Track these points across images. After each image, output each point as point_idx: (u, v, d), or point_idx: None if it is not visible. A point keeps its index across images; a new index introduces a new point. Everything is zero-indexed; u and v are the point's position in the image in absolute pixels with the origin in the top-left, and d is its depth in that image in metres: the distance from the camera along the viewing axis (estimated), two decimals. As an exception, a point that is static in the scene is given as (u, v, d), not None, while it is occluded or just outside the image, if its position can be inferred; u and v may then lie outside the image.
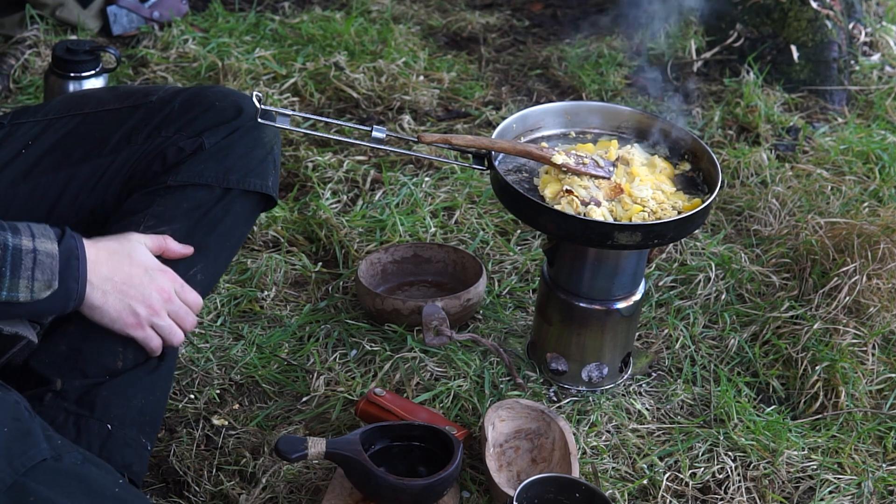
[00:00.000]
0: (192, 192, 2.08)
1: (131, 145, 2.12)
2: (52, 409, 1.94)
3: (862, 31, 3.70)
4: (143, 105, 2.15)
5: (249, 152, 2.14)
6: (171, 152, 2.10)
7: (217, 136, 2.12)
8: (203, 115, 2.13)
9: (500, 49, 3.75)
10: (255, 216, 2.20)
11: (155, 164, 2.11)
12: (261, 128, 2.15)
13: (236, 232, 2.15)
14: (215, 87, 2.22)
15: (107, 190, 2.12)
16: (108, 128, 2.14)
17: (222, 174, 2.10)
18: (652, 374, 2.43)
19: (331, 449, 1.97)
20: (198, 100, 2.15)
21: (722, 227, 2.89)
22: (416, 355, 2.37)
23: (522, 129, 2.32)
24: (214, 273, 2.13)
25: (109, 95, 2.21)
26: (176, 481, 2.13)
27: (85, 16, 3.53)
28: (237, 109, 2.15)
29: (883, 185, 3.00)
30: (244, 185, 2.12)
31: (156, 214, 2.05)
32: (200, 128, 2.12)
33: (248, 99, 2.18)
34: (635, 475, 2.18)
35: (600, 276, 2.23)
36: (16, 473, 1.61)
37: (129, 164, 2.11)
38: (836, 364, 2.39)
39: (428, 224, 2.80)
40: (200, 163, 2.09)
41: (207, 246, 2.09)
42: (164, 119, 2.13)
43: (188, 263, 2.06)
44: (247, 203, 2.14)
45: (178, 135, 2.12)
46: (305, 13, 3.74)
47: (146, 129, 2.13)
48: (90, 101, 2.18)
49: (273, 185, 2.17)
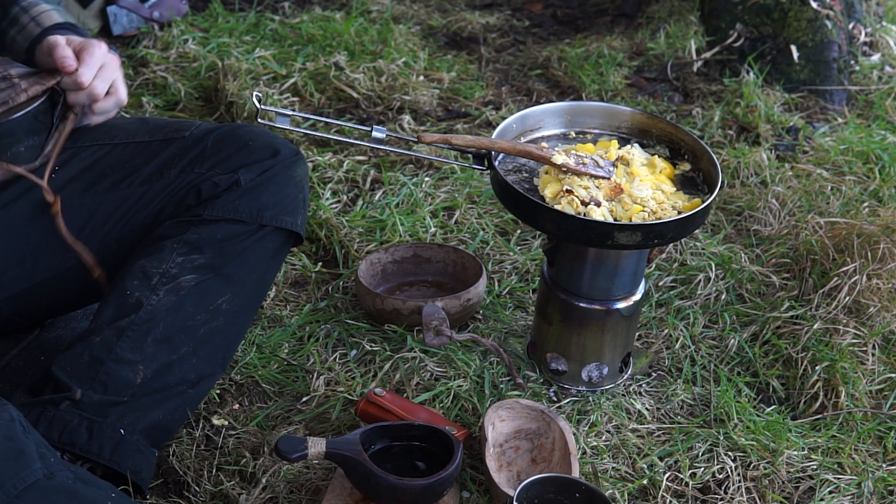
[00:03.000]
0: (227, 225, 2.12)
1: (163, 179, 2.16)
2: (67, 414, 1.97)
3: (862, 31, 3.70)
4: (176, 140, 2.19)
5: (283, 190, 2.17)
6: (207, 187, 2.14)
7: (252, 174, 2.15)
8: (237, 154, 2.17)
9: (500, 49, 3.75)
10: (284, 253, 2.23)
11: (189, 197, 2.14)
12: (294, 167, 2.20)
13: (263, 266, 2.18)
14: (247, 126, 2.25)
15: (135, 220, 2.16)
16: (139, 160, 2.18)
17: (256, 211, 2.14)
18: (652, 374, 2.43)
19: (331, 449, 1.97)
20: (231, 138, 2.19)
21: (722, 227, 2.89)
22: (416, 355, 2.37)
23: (522, 129, 2.32)
24: (241, 307, 2.15)
25: (139, 128, 2.24)
26: (176, 481, 2.13)
27: (85, 16, 3.53)
28: (273, 150, 2.18)
29: (883, 185, 3.00)
30: (277, 223, 2.16)
31: (189, 241, 2.10)
32: (235, 165, 2.16)
33: (281, 139, 2.22)
34: (635, 475, 2.18)
35: (600, 276, 2.24)
36: (7, 497, 1.62)
37: (160, 197, 2.15)
38: (836, 364, 2.39)
39: (428, 224, 2.80)
40: (235, 198, 2.13)
41: (236, 277, 2.13)
42: (198, 155, 2.16)
43: (216, 293, 2.10)
44: (276, 239, 2.18)
45: (213, 171, 2.15)
46: (305, 13, 3.74)
47: (179, 164, 2.16)
48: (119, 132, 2.22)
49: (301, 223, 2.22)
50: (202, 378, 2.11)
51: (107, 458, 1.97)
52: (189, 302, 2.08)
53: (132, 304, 2.05)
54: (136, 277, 2.08)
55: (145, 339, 2.03)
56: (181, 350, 2.07)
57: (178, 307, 2.07)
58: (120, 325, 2.03)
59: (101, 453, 1.96)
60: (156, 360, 2.04)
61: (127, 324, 2.03)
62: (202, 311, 2.09)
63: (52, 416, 1.96)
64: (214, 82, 3.29)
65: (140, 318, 2.04)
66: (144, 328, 2.04)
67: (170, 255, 2.09)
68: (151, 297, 2.05)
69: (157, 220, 2.15)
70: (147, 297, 2.05)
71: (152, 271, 2.07)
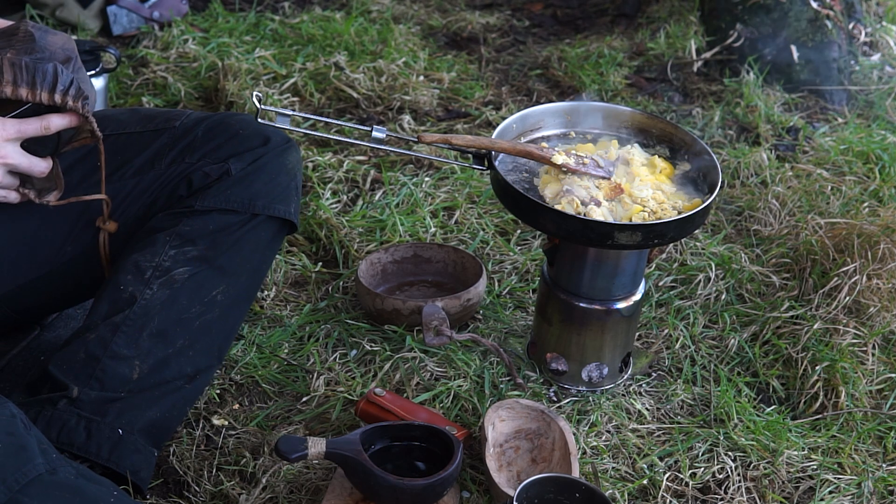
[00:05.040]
0: (219, 216, 2.11)
1: (155, 170, 2.15)
2: (65, 413, 1.96)
3: (862, 31, 3.70)
4: (167, 130, 2.18)
5: (274, 178, 2.16)
6: (198, 177, 2.13)
7: (243, 163, 2.14)
8: (228, 143, 2.16)
9: (500, 49, 3.75)
10: (278, 242, 2.22)
11: (180, 188, 2.13)
12: (285, 154, 2.18)
13: (258, 255, 2.17)
14: (237, 114, 2.24)
15: (128, 212, 2.15)
16: (130, 151, 2.17)
17: (248, 200, 2.13)
18: (652, 374, 2.43)
19: (331, 449, 1.97)
20: (221, 128, 2.18)
21: (722, 227, 2.89)
22: (416, 355, 2.37)
23: (522, 129, 2.32)
24: (237, 297, 2.15)
25: (130, 118, 2.23)
26: (176, 481, 2.13)
27: (85, 16, 3.53)
28: (264, 138, 2.17)
29: (883, 185, 3.00)
30: (269, 211, 2.15)
31: (181, 233, 2.09)
32: (226, 154, 2.15)
33: (272, 128, 2.21)
34: (635, 475, 2.18)
35: (600, 276, 2.23)
36: (10, 491, 1.61)
37: (152, 189, 2.14)
38: (836, 364, 2.39)
39: (428, 224, 2.80)
40: (227, 188, 2.12)
41: (230, 268, 2.12)
42: (189, 145, 2.15)
43: (210, 285, 2.10)
44: (270, 228, 2.17)
45: (203, 161, 2.14)
46: (305, 13, 3.74)
47: (170, 154, 2.15)
48: (110, 123, 2.20)
49: (295, 210, 2.20)
50: (199, 371, 2.10)
51: (105, 458, 1.97)
52: (183, 295, 2.07)
53: (126, 300, 2.04)
54: (129, 272, 2.07)
55: (140, 334, 2.03)
56: (177, 344, 2.06)
57: (173, 300, 2.06)
58: (114, 321, 2.03)
59: (99, 453, 1.96)
60: (152, 354, 2.03)
61: (121, 319, 2.03)
62: (197, 304, 2.08)
63: (50, 416, 1.96)
64: (214, 82, 3.29)
65: (134, 312, 2.03)
66: (139, 323, 2.03)
67: (162, 248, 2.08)
68: (145, 292, 2.05)
69: (150, 212, 2.14)
70: (141, 291, 2.05)
71: (145, 265, 2.06)
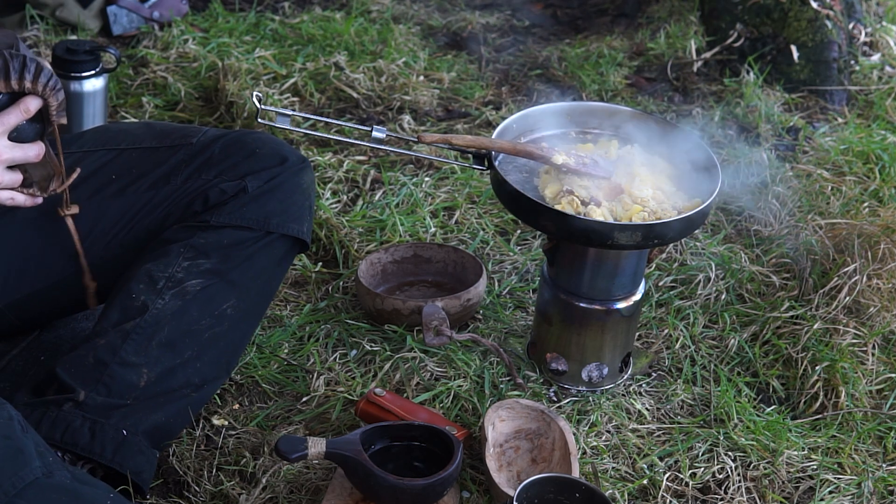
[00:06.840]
0: (233, 232, 2.12)
1: (170, 185, 2.16)
2: (70, 415, 1.97)
3: (862, 31, 3.70)
4: (183, 147, 2.19)
5: (290, 197, 2.17)
6: (214, 193, 2.14)
7: (260, 181, 2.15)
8: (245, 161, 2.17)
9: (500, 49, 3.75)
10: (289, 260, 2.24)
11: (196, 203, 2.14)
12: (301, 174, 2.20)
13: (269, 272, 2.18)
14: (254, 132, 2.26)
15: (140, 226, 2.16)
16: (146, 166, 2.18)
17: (263, 218, 2.14)
18: (652, 374, 2.43)
19: (331, 449, 1.97)
20: (239, 145, 2.19)
21: (722, 227, 2.89)
22: (416, 355, 2.37)
23: (522, 129, 2.32)
24: (246, 313, 2.16)
25: (146, 133, 2.24)
26: (176, 481, 2.13)
27: (85, 16, 3.53)
28: (281, 157, 2.18)
29: (883, 185, 3.00)
30: (283, 230, 2.16)
31: (195, 246, 2.10)
32: (243, 172, 2.16)
33: (288, 146, 2.22)
34: (635, 475, 2.18)
35: (600, 276, 2.23)
36: (6, 495, 1.62)
37: (166, 203, 2.15)
38: (836, 364, 2.39)
39: (428, 224, 2.80)
40: (242, 205, 2.13)
41: (241, 283, 2.13)
42: (205, 162, 2.17)
43: (221, 298, 2.11)
44: (282, 246, 2.18)
45: (220, 178, 2.16)
46: (305, 13, 3.74)
47: (186, 170, 2.16)
48: (126, 137, 2.22)
49: (308, 230, 2.22)
50: (206, 382, 2.11)
51: (108, 458, 1.97)
52: (194, 307, 2.08)
53: (138, 308, 2.06)
54: (141, 281, 2.08)
55: (150, 342, 2.04)
56: (185, 354, 2.07)
57: (184, 312, 2.07)
58: (125, 329, 2.04)
59: (102, 454, 1.97)
60: (160, 363, 2.04)
61: (132, 327, 2.04)
62: (207, 316, 2.09)
63: (55, 417, 1.97)
64: (214, 82, 3.29)
65: (145, 321, 2.05)
66: (149, 332, 2.04)
67: (176, 260, 2.09)
68: (157, 301, 2.06)
69: (163, 226, 2.15)
70: (153, 300, 2.06)
71: (158, 275, 2.08)
